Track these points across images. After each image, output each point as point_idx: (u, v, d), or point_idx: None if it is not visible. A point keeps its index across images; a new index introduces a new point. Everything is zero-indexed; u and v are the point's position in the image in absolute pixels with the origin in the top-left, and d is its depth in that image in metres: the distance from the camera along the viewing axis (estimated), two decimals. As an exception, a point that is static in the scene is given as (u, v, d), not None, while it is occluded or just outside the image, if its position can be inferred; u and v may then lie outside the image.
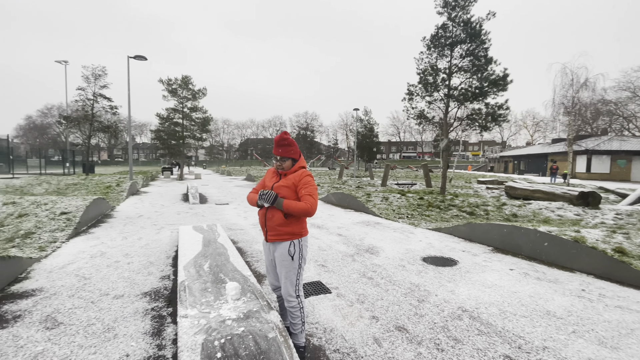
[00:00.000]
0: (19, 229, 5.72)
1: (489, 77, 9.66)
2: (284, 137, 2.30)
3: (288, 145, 2.30)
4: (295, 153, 2.34)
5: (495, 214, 7.93)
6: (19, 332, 2.60)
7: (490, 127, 10.23)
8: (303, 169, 2.36)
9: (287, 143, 2.30)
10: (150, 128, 70.62)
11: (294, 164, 2.35)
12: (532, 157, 37.65)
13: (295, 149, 2.33)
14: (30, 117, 69.73)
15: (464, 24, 10.00)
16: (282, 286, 2.31)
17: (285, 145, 2.29)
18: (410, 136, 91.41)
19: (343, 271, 4.19)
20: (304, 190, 2.22)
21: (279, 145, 2.29)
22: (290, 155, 2.31)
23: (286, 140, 2.30)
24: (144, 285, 3.65)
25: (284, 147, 2.29)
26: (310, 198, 2.19)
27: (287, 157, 2.30)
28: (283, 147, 2.29)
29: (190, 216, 8.33)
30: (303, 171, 2.33)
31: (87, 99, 21.86)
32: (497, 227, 5.45)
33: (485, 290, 3.63)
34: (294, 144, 2.34)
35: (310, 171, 27.56)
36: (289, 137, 2.32)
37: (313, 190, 2.23)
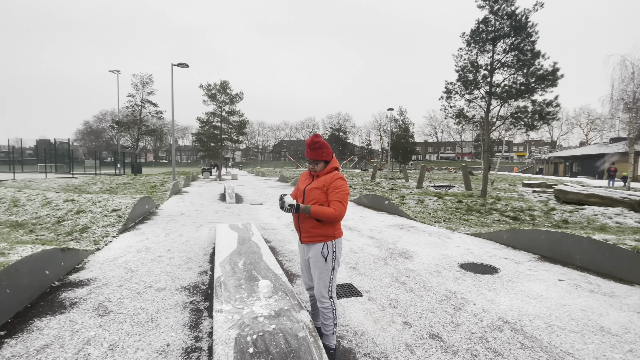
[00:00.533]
0: (77, 223, 6.31)
1: (536, 73, 8.99)
2: (315, 140, 2.29)
3: (320, 148, 2.29)
4: (327, 155, 2.32)
5: (542, 220, 7.36)
6: (75, 317, 2.86)
7: (537, 125, 9.51)
8: (335, 171, 2.34)
9: (319, 146, 2.29)
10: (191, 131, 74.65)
11: (327, 165, 2.35)
12: (586, 158, 34.45)
13: (327, 151, 2.32)
14: (87, 122, 76.84)
15: (507, 16, 9.41)
16: (315, 287, 2.32)
17: (317, 149, 2.29)
18: (448, 136, 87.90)
19: (375, 274, 4.11)
20: (333, 195, 2.21)
21: (311, 149, 2.29)
22: (323, 157, 2.31)
23: (318, 143, 2.29)
24: (184, 279, 3.85)
25: (316, 150, 2.28)
26: (339, 204, 2.18)
27: (319, 159, 2.30)
28: (315, 150, 2.28)
29: (227, 215, 8.67)
30: (335, 173, 2.31)
31: (136, 104, 23.68)
32: (544, 233, 5.05)
33: (529, 302, 3.38)
34: (326, 146, 2.32)
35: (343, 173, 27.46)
36: (320, 139, 2.31)
37: (343, 196, 2.22)
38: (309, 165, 2.36)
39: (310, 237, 2.28)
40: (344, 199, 2.21)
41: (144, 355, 2.34)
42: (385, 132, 76.26)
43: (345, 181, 2.30)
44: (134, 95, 23.45)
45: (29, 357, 2.28)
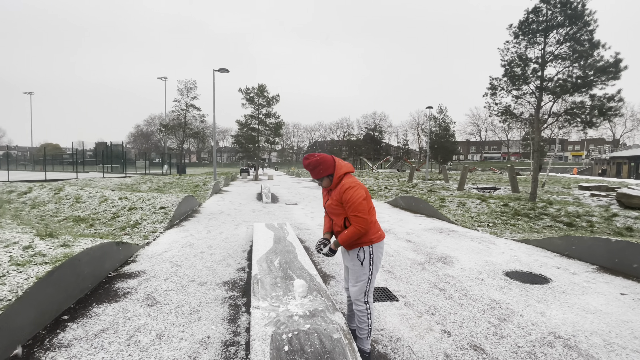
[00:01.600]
0: (129, 219, 6.86)
1: (595, 64, 8.16)
2: (306, 162, 2.22)
3: (316, 167, 2.21)
4: (327, 169, 2.22)
5: (602, 227, 6.66)
6: (127, 306, 3.11)
7: (596, 123, 8.64)
8: (343, 181, 2.21)
9: (313, 166, 2.21)
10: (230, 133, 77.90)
11: (332, 177, 2.25)
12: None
13: (324, 165, 2.21)
14: (138, 125, 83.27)
15: (561, 5, 8.65)
16: (350, 290, 2.31)
17: (314, 169, 2.21)
18: (493, 135, 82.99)
19: (412, 279, 3.99)
20: (348, 210, 2.15)
21: (310, 170, 2.23)
22: (323, 174, 2.22)
23: (310, 164, 2.21)
24: (223, 275, 4.02)
25: (314, 170, 2.22)
26: (356, 218, 2.11)
27: (321, 177, 2.24)
28: (313, 170, 2.22)
29: (263, 214, 8.91)
30: (342, 185, 2.20)
31: (181, 109, 25.23)
32: (604, 242, 4.57)
33: (586, 316, 3.07)
34: (321, 162, 2.21)
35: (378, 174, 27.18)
36: (311, 160, 2.21)
37: (357, 207, 2.11)
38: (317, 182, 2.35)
39: (349, 245, 2.27)
40: (359, 210, 2.11)
41: (187, 345, 2.47)
42: (423, 132, 73.78)
43: (355, 188, 2.16)
44: (179, 100, 25.04)
45: (88, 340, 2.51)
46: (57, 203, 8.62)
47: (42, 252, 3.21)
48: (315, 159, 2.20)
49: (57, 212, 7.88)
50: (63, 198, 8.99)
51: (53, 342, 2.48)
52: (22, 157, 50.98)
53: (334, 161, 2.24)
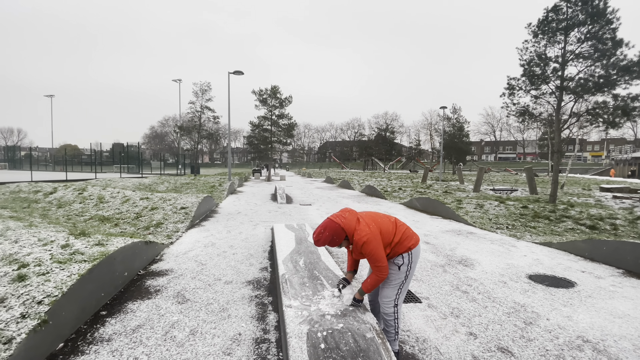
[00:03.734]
0: (152, 219, 7.07)
1: (619, 63, 7.96)
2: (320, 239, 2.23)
3: (331, 241, 2.23)
4: (339, 239, 2.23)
5: (627, 230, 6.50)
6: (160, 303, 3.24)
7: (619, 123, 8.42)
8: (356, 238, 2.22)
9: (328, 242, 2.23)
10: (243, 134, 78.79)
11: (347, 238, 2.27)
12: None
13: (336, 237, 2.23)
14: (153, 127, 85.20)
15: (582, 3, 8.47)
16: (382, 292, 2.34)
17: (330, 242, 2.24)
18: (508, 135, 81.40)
19: (433, 282, 4.00)
20: (370, 262, 2.24)
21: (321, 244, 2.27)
22: (338, 243, 2.26)
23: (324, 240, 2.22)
24: (247, 274, 4.13)
25: (329, 243, 2.24)
26: (378, 268, 2.19)
27: (338, 245, 2.29)
28: (328, 243, 2.25)
29: (279, 215, 9.03)
30: (356, 241, 2.20)
31: (196, 111, 25.69)
32: (631, 245, 4.48)
33: (614, 321, 3.03)
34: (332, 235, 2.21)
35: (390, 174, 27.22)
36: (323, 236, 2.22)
37: (377, 258, 2.17)
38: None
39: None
40: (378, 260, 2.18)
41: (220, 341, 2.57)
42: (436, 132, 72.90)
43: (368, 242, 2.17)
44: (194, 102, 25.51)
45: (127, 335, 2.64)
46: (81, 203, 8.94)
47: (79, 250, 3.37)
48: (325, 235, 2.22)
49: (82, 211, 8.18)
50: (87, 198, 9.31)
51: (95, 336, 2.62)
52: (42, 158, 52.82)
53: (341, 225, 2.23)
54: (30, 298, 2.41)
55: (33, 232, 4.25)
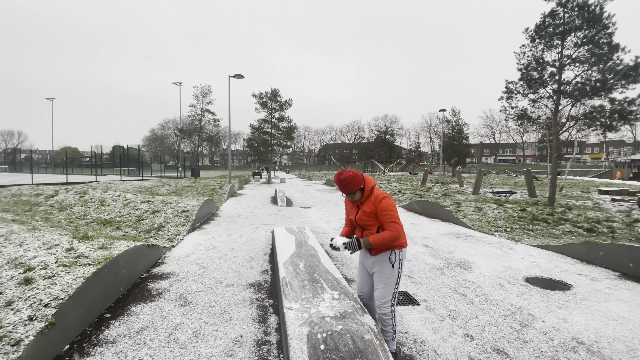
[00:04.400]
0: (154, 222, 7.13)
1: (615, 68, 8.06)
2: (341, 178, 2.32)
3: (350, 182, 2.31)
4: (358, 183, 2.33)
5: (623, 233, 6.56)
6: (163, 306, 3.29)
7: (617, 126, 8.51)
8: (375, 193, 2.35)
9: (348, 181, 2.31)
10: (242, 137, 78.91)
11: (363, 191, 2.38)
12: (681, 161, 29.47)
13: (356, 180, 2.33)
14: (153, 129, 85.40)
15: (579, 8, 8.58)
16: (377, 293, 2.39)
17: (348, 184, 2.32)
18: (507, 137, 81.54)
19: (431, 284, 4.06)
20: (384, 218, 2.27)
21: (343, 186, 2.33)
22: (356, 188, 2.34)
23: (345, 179, 2.31)
24: (248, 277, 4.18)
25: (347, 185, 2.32)
26: (394, 224, 2.25)
27: (353, 191, 2.35)
28: (346, 185, 2.32)
29: (280, 218, 9.09)
30: (376, 196, 2.33)
31: (196, 114, 25.80)
32: (626, 248, 4.54)
33: (608, 323, 3.09)
34: (353, 177, 2.33)
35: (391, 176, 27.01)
36: (346, 175, 2.33)
37: (394, 215, 2.27)
38: (346, 197, 2.47)
39: (379, 249, 2.36)
40: (396, 218, 2.27)
41: (222, 343, 2.63)
42: (436, 134, 73.10)
43: (387, 198, 2.32)
44: (195, 105, 25.63)
45: (131, 337, 2.70)
46: (83, 206, 9.00)
47: (84, 254, 3.43)
48: (348, 174, 2.33)
49: (84, 214, 8.24)
50: (88, 201, 9.37)
51: (99, 338, 2.68)
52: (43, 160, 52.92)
53: (363, 176, 2.38)
54: (37, 301, 2.48)
55: (37, 236, 4.31)
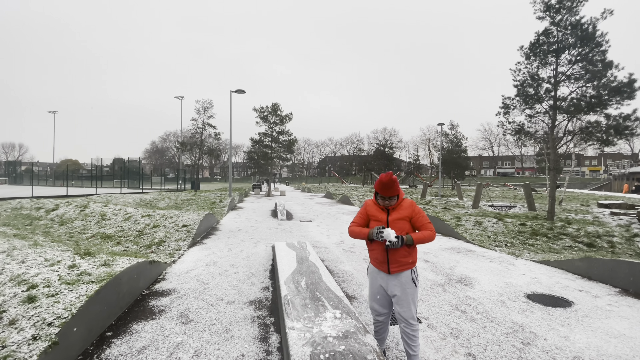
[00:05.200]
0: (154, 237, 7.13)
1: (609, 84, 8.24)
2: (393, 178, 2.43)
3: (393, 186, 2.42)
4: (398, 189, 2.48)
5: (624, 248, 6.57)
6: (164, 324, 3.29)
7: (613, 141, 8.63)
8: (407, 200, 2.57)
9: (394, 184, 2.42)
10: (243, 149, 79.34)
11: (398, 197, 2.52)
12: (679, 174, 29.60)
13: (397, 185, 2.47)
14: (154, 142, 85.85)
15: (572, 27, 8.84)
16: (406, 314, 2.45)
17: (392, 187, 2.42)
18: (506, 150, 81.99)
19: (433, 301, 4.06)
20: (422, 220, 2.46)
21: (389, 187, 2.41)
22: (396, 192, 2.46)
23: (394, 182, 2.42)
24: (249, 294, 4.18)
25: (392, 188, 2.42)
26: (430, 225, 2.47)
27: (394, 195, 2.46)
28: (391, 187, 2.42)
29: (280, 232, 9.09)
30: (410, 202, 2.54)
31: (197, 127, 26.06)
32: (627, 264, 4.55)
33: (610, 340, 3.09)
34: (396, 181, 2.48)
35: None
36: (393, 177, 2.45)
37: (426, 218, 2.51)
38: (383, 200, 2.50)
39: (400, 266, 2.44)
40: (428, 220, 2.50)
41: (224, 363, 2.62)
42: (434, 147, 73.55)
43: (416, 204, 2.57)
44: (196, 119, 25.93)
45: (133, 357, 2.69)
46: (83, 220, 9.01)
47: (87, 271, 3.45)
48: (394, 177, 2.47)
49: (84, 229, 8.24)
50: (89, 215, 9.39)
51: (101, 357, 2.67)
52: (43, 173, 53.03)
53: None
54: (40, 320, 2.49)
55: (39, 252, 4.33)
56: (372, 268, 2.63)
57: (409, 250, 2.44)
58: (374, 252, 2.54)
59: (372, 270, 2.64)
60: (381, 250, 2.46)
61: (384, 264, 2.48)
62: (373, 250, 2.53)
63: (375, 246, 2.51)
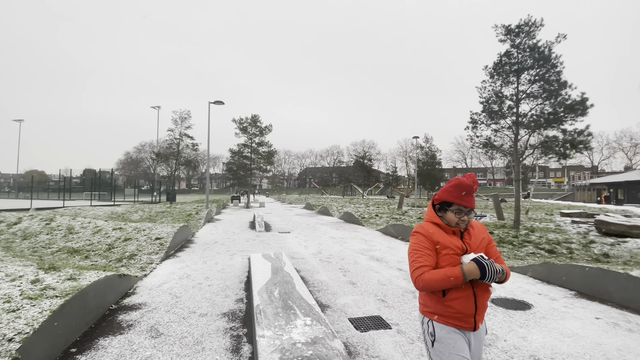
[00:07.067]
0: (125, 250, 6.92)
1: (564, 102, 8.97)
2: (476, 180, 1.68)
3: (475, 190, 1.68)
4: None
5: (581, 253, 7.05)
6: (132, 338, 3.22)
7: (570, 154, 9.32)
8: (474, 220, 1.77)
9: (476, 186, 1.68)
10: (222, 160, 78.26)
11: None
12: (633, 185, 32.10)
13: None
14: (128, 153, 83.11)
15: (530, 49, 9.60)
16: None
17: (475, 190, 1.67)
18: (478, 162, 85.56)
19: (404, 308, 4.20)
20: (495, 250, 1.72)
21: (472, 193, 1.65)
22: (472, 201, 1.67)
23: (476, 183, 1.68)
24: (223, 306, 4.16)
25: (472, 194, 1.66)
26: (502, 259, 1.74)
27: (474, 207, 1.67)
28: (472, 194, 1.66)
29: (257, 243, 9.04)
30: (479, 223, 1.78)
31: (174, 138, 25.59)
32: (580, 268, 4.92)
33: (563, 340, 3.33)
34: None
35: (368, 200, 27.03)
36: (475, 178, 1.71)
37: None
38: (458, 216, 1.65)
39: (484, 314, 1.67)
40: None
41: (194, 375, 2.61)
42: (411, 159, 75.69)
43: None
44: (173, 129, 25.48)
45: (98, 372, 2.63)
46: (49, 234, 8.58)
47: (51, 285, 3.34)
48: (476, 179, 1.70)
49: (49, 243, 7.85)
50: (55, 229, 8.95)
51: (64, 374, 2.59)
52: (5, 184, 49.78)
53: None
54: (0, 336, 2.40)
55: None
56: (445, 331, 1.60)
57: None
58: (454, 302, 1.57)
59: (445, 335, 1.59)
60: (468, 296, 1.57)
61: (470, 317, 1.58)
62: (453, 300, 1.58)
63: (458, 293, 1.57)
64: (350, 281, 5.37)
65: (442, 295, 1.59)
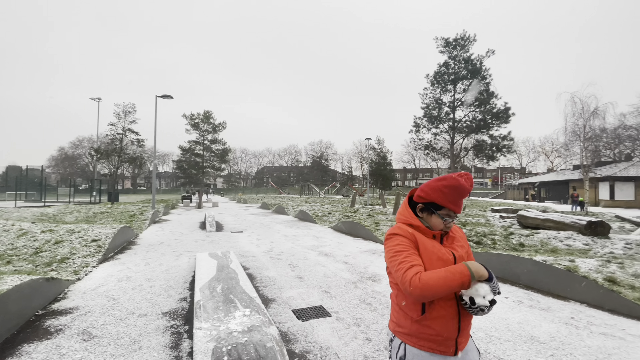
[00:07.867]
0: (56, 254, 6.37)
1: (491, 110, 10.09)
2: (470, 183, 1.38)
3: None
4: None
5: (502, 244, 8.02)
6: (61, 342, 3.07)
7: (496, 157, 10.51)
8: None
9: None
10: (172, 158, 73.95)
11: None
12: (553, 184, 36.72)
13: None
14: (62, 148, 74.73)
15: (465, 61, 10.64)
16: None
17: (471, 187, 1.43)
18: (425, 163, 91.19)
19: (344, 297, 4.49)
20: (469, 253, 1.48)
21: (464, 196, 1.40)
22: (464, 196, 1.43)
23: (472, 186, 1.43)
24: (164, 305, 4.09)
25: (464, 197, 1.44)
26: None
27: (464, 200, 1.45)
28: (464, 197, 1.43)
29: (207, 244, 8.84)
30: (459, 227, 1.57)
31: (117, 133, 23.69)
32: (496, 256, 5.64)
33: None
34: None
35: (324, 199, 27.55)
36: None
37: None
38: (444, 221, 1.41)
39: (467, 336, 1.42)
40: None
41: (129, 372, 2.60)
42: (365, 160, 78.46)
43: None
44: (115, 124, 23.54)
45: (20, 379, 2.49)
46: (-41, 239, 7.55)
47: (-38, 292, 3.04)
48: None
49: (-40, 249, 6.93)
50: (-33, 233, 7.90)
51: (-22, 384, 2.42)
52: None
53: None
54: None
55: None
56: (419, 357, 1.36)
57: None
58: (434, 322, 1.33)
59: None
60: (452, 316, 1.33)
61: (451, 341, 1.35)
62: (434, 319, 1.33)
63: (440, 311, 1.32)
64: (297, 276, 5.56)
65: (421, 313, 1.33)
